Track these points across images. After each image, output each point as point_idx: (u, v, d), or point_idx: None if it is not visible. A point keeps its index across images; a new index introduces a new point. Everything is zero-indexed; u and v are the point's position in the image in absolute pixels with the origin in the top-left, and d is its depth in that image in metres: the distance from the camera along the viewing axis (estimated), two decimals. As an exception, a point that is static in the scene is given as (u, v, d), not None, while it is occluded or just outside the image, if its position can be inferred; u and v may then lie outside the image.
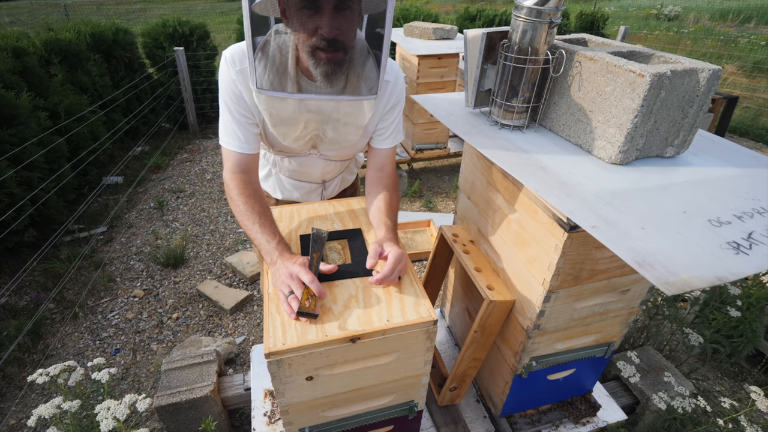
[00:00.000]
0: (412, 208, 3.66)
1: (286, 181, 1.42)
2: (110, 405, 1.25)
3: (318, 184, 1.42)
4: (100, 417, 1.22)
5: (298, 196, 1.45)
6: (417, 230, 3.16)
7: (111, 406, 1.24)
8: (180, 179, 4.05)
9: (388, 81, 1.15)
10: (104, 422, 1.20)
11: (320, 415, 1.05)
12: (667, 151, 1.03)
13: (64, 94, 3.33)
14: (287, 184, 1.43)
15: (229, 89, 1.08)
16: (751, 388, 1.48)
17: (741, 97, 5.93)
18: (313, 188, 1.44)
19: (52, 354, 2.27)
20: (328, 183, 1.45)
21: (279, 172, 1.40)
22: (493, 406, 1.44)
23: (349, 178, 1.55)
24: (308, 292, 0.91)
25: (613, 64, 0.94)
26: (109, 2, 13.48)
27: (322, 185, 1.43)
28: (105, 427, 1.19)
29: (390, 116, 1.22)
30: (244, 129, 1.12)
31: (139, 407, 1.26)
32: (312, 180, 1.40)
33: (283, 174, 1.40)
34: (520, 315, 1.16)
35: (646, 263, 0.68)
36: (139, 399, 1.28)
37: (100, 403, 1.25)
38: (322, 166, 1.34)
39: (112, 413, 1.22)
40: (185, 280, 2.80)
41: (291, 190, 1.44)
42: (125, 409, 1.24)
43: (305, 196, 1.46)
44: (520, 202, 1.08)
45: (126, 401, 1.26)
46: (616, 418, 1.50)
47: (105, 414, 1.22)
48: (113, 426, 1.20)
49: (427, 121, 3.65)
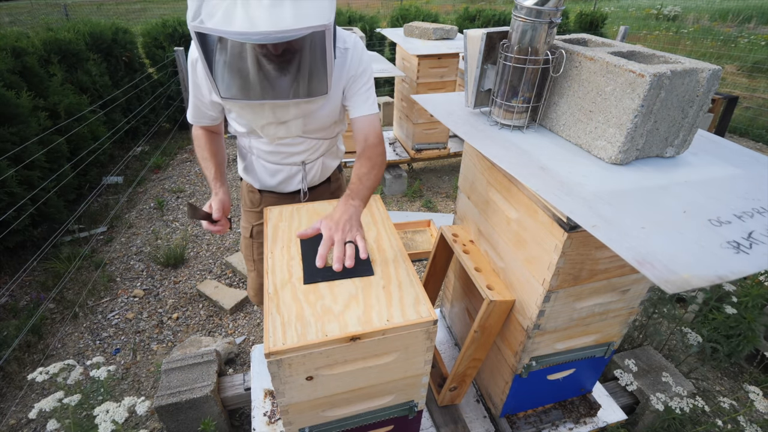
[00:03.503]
0: (412, 208, 3.66)
1: (266, 167, 1.41)
2: (109, 408, 1.23)
3: (298, 166, 1.40)
4: (98, 420, 1.20)
5: (280, 180, 1.42)
6: (417, 230, 3.16)
7: (110, 408, 1.23)
8: (180, 179, 4.05)
9: (347, 48, 1.19)
10: (103, 425, 1.19)
11: (320, 415, 1.05)
12: (667, 151, 1.03)
13: (64, 93, 3.33)
14: (267, 169, 1.41)
15: (192, 79, 1.20)
16: (750, 387, 1.48)
17: (741, 97, 5.94)
18: (293, 172, 1.41)
19: (52, 354, 2.27)
20: (309, 166, 1.41)
21: (258, 158, 1.40)
22: (493, 406, 1.44)
23: (331, 164, 1.50)
24: None
25: (613, 64, 0.94)
26: (109, 2, 13.47)
27: (303, 167, 1.40)
28: (104, 430, 1.18)
29: (358, 83, 1.24)
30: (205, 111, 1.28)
31: (138, 410, 1.25)
32: (291, 162, 1.38)
33: (263, 159, 1.39)
34: (520, 315, 1.16)
35: (647, 262, 0.68)
36: (138, 402, 1.27)
37: (100, 405, 1.24)
38: (300, 144, 1.33)
39: (111, 416, 1.21)
40: (185, 280, 2.80)
41: (272, 176, 1.42)
42: (124, 412, 1.23)
43: (287, 181, 1.43)
44: (520, 202, 1.08)
45: (125, 404, 1.25)
46: (616, 418, 1.50)
47: (104, 417, 1.21)
48: (111, 429, 1.19)
49: (427, 121, 3.65)
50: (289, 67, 1.02)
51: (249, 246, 1.62)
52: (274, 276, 1.04)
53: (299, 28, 0.86)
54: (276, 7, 0.84)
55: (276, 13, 0.84)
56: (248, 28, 0.84)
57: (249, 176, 1.48)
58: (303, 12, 0.86)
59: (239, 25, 0.84)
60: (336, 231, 1.00)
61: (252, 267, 1.66)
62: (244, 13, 0.84)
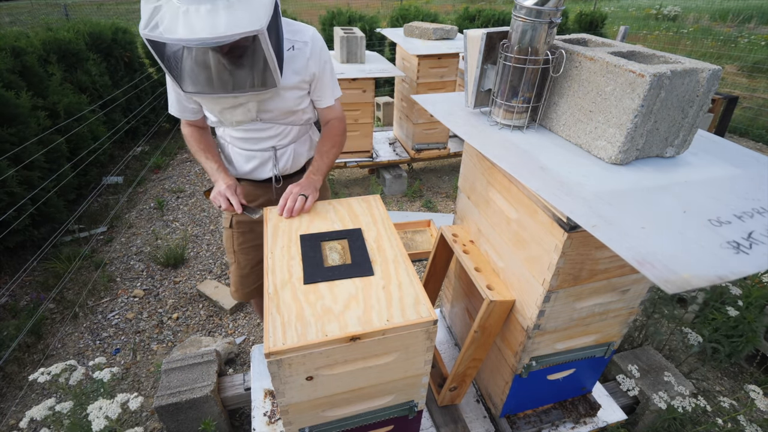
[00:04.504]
0: (412, 208, 3.66)
1: (240, 153, 1.48)
2: (102, 405, 1.25)
3: (268, 152, 1.47)
4: (91, 416, 1.22)
5: (254, 167, 1.49)
6: (417, 230, 3.16)
7: (103, 405, 1.24)
8: (180, 179, 4.05)
9: (306, 42, 1.30)
10: (96, 422, 1.20)
11: (320, 415, 1.05)
12: (667, 151, 1.03)
13: (64, 93, 3.33)
14: (241, 156, 1.49)
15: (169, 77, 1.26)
16: (751, 387, 1.48)
17: (741, 97, 5.94)
18: (265, 158, 1.48)
19: (53, 354, 2.27)
20: (280, 152, 1.48)
21: (233, 146, 1.49)
22: (493, 406, 1.44)
23: (303, 151, 1.55)
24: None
25: (613, 64, 0.94)
26: (109, 2, 13.46)
27: (273, 153, 1.47)
28: (96, 426, 1.19)
29: (322, 80, 1.37)
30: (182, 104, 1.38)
31: (131, 406, 1.26)
32: (262, 147, 1.45)
33: (237, 147, 1.48)
34: (520, 315, 1.16)
35: (647, 262, 0.68)
36: (131, 398, 1.28)
37: (93, 404, 1.25)
38: (268, 130, 1.41)
39: (104, 413, 1.22)
40: (185, 280, 2.80)
41: (246, 162, 1.49)
42: (117, 408, 1.23)
43: (260, 168, 1.50)
44: (520, 202, 1.08)
45: (118, 400, 1.26)
46: (616, 418, 1.50)
47: (97, 413, 1.22)
48: (104, 425, 1.20)
49: (427, 121, 3.65)
50: (238, 63, 1.14)
51: (230, 237, 1.65)
52: (274, 276, 1.04)
53: (231, 34, 0.97)
54: (212, 16, 0.96)
55: (212, 22, 0.96)
56: (188, 35, 0.96)
57: (227, 166, 1.55)
58: (236, 19, 0.97)
59: (181, 32, 0.96)
60: (295, 187, 1.29)
61: (233, 259, 1.68)
62: (186, 22, 0.96)
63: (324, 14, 5.69)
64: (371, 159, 3.77)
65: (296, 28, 1.32)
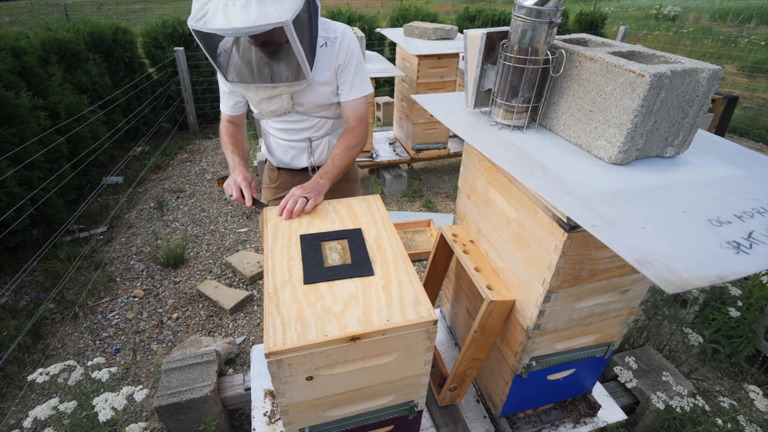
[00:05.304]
0: (412, 208, 3.66)
1: (280, 143, 1.61)
2: (108, 397, 1.28)
3: (305, 142, 1.58)
4: (98, 408, 1.24)
5: (292, 156, 1.62)
6: (417, 230, 3.16)
7: (109, 398, 1.27)
8: (180, 179, 4.05)
9: (336, 38, 1.40)
10: (102, 412, 1.23)
11: (320, 415, 1.05)
12: (667, 151, 1.03)
13: (64, 93, 3.33)
14: (280, 146, 1.62)
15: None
16: (750, 387, 1.48)
17: (741, 97, 5.94)
18: (301, 148, 1.59)
19: (52, 354, 2.27)
20: (315, 143, 1.59)
21: (274, 137, 1.62)
22: (493, 406, 1.44)
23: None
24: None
25: (613, 64, 0.94)
26: (109, 2, 13.47)
27: (309, 144, 1.58)
28: (103, 416, 1.21)
29: (346, 73, 1.43)
30: (227, 98, 1.56)
31: (136, 397, 1.29)
32: (299, 138, 1.57)
33: (277, 137, 1.60)
34: (520, 315, 1.16)
35: (647, 262, 0.68)
36: (136, 390, 1.31)
37: (98, 397, 1.27)
38: (304, 122, 1.52)
39: (110, 404, 1.24)
40: (185, 280, 2.80)
41: (284, 152, 1.62)
42: (122, 400, 1.25)
43: (298, 157, 1.62)
44: (520, 202, 1.08)
45: (124, 392, 1.29)
46: (616, 418, 1.50)
47: (103, 405, 1.25)
48: (111, 416, 1.23)
49: (427, 121, 3.65)
50: (274, 57, 1.32)
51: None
52: (274, 276, 1.04)
53: (260, 24, 1.11)
54: (245, 9, 1.11)
55: (245, 14, 1.11)
56: (224, 25, 1.11)
57: (269, 155, 1.71)
58: (266, 12, 1.12)
59: (219, 23, 1.12)
60: (298, 189, 1.32)
61: None
62: (224, 14, 1.12)
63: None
64: (371, 159, 3.77)
65: (330, 26, 1.41)
